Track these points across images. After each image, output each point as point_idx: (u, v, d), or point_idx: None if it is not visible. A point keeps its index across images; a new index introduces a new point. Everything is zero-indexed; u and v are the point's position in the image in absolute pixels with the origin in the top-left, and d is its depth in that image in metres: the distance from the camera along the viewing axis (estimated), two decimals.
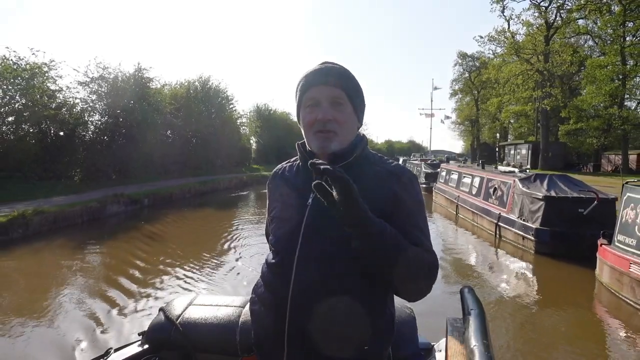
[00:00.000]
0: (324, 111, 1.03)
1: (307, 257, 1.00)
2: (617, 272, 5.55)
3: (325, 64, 1.09)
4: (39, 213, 8.39)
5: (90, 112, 16.90)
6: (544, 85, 31.73)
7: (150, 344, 1.58)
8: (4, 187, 11.25)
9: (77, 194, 11.88)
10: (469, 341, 0.99)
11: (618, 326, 4.94)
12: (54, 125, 15.40)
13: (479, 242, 9.71)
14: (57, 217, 8.89)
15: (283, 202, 1.11)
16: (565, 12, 32.26)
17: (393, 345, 1.34)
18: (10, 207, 8.63)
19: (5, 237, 7.59)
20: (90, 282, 5.90)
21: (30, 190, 11.17)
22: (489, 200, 10.49)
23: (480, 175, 11.68)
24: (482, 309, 1.14)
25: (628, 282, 5.28)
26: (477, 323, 1.06)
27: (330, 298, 0.98)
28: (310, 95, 1.06)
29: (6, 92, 13.46)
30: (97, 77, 16.56)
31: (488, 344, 0.95)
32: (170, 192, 14.60)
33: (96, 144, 16.84)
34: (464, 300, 1.23)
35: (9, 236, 7.65)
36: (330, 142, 1.04)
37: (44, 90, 14.48)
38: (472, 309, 1.15)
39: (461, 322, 1.20)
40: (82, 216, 9.71)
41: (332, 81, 1.05)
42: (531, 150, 34.89)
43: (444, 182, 15.38)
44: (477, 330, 1.02)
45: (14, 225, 7.76)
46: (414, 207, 1.05)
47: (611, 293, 5.67)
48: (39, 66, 14.22)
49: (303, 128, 1.09)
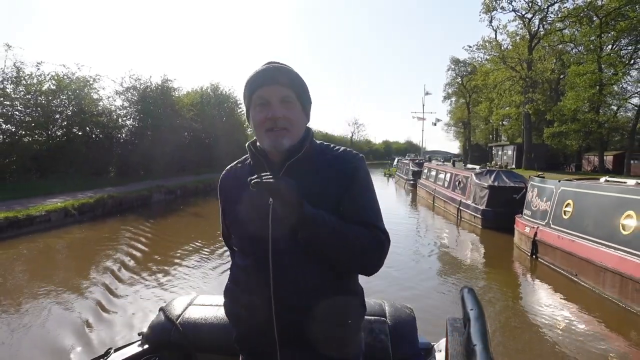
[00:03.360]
0: (275, 109, 1.05)
1: (282, 253, 1.04)
2: (519, 233, 8.33)
3: (272, 64, 1.11)
4: (111, 197, 11.20)
5: (124, 118, 19.71)
6: (527, 91, 34.38)
7: (150, 344, 1.59)
8: (65, 181, 13.92)
9: (116, 186, 14.48)
10: (469, 341, 0.98)
11: (518, 265, 7.71)
12: (95, 129, 18.17)
13: (447, 223, 12.46)
14: (123, 200, 11.70)
15: (244, 202, 1.10)
16: (548, 24, 34.87)
17: (393, 345, 1.44)
18: (72, 196, 11.24)
19: (91, 215, 10.36)
20: (155, 247, 8.63)
21: (82, 184, 13.79)
22: (455, 190, 13.27)
23: (450, 172, 14.46)
24: (482, 309, 1.13)
25: (525, 239, 8.05)
26: (477, 323, 1.05)
27: (311, 287, 1.03)
28: (260, 94, 1.07)
29: (62, 101, 16.21)
30: (130, 87, 19.37)
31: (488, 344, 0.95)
32: (195, 185, 17.38)
33: (128, 144, 19.63)
34: (464, 300, 1.22)
35: (94, 213, 10.43)
36: (282, 139, 1.06)
37: (91, 100, 17.25)
38: (472, 309, 1.13)
39: (461, 322, 1.20)
40: (137, 201, 12.53)
41: (281, 80, 1.07)
42: (516, 152, 37.52)
43: (425, 178, 18.20)
44: (477, 330, 1.02)
45: (98, 205, 10.56)
46: (362, 188, 1.10)
47: (517, 248, 8.45)
48: (86, 79, 17.00)
49: (254, 127, 1.10)
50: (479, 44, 37.50)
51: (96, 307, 4.78)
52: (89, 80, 17.18)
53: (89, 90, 17.36)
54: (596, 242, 5.86)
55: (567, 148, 37.10)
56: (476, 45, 37.56)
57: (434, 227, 12.25)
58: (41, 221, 8.71)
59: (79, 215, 9.80)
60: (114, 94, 18.99)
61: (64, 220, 9.35)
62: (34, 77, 14.81)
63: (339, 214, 1.04)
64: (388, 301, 1.68)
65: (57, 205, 9.53)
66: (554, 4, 34.13)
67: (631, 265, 5.05)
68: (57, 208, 9.31)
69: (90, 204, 10.35)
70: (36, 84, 14.92)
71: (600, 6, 30.71)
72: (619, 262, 5.27)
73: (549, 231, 7.14)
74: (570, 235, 6.50)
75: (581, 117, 32.39)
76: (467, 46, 43.45)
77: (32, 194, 10.82)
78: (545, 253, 7.19)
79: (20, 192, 10.93)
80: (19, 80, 14.21)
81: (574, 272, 6.24)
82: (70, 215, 9.56)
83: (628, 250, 5.22)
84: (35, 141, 14.99)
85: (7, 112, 13.83)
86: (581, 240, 6.19)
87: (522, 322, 4.89)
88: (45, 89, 15.29)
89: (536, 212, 7.92)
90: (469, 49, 37.66)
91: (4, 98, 13.63)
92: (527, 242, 7.80)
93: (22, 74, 14.30)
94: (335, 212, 1.04)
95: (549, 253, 7.06)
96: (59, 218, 9.26)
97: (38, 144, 14.92)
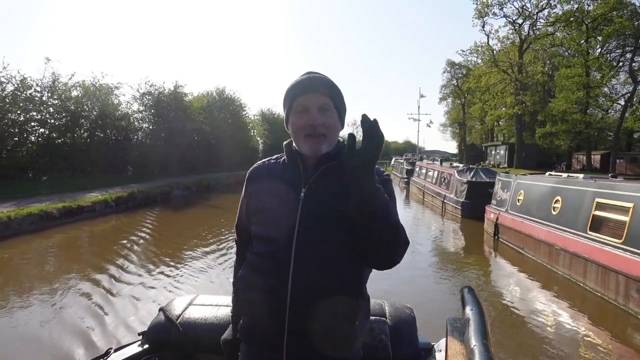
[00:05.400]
0: (314, 116, 1.11)
1: (304, 244, 1.06)
2: (487, 219, 10.04)
3: (312, 73, 1.18)
4: (140, 192, 12.93)
5: (140, 121, 21.44)
6: (518, 93, 35.98)
7: (150, 344, 1.61)
8: (92, 179, 15.60)
9: (138, 183, 15.99)
10: (469, 341, 0.99)
11: (485, 245, 9.40)
12: (115, 132, 19.87)
13: (433, 214, 14.16)
14: (149, 195, 13.42)
15: (275, 193, 1.15)
16: (537, 29, 36.46)
17: (393, 345, 1.46)
18: (105, 191, 12.85)
19: (124, 206, 12.06)
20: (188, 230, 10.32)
21: (106, 181, 15.40)
22: (441, 186, 14.98)
23: (437, 170, 16.18)
24: (482, 309, 1.14)
25: (490, 223, 9.74)
26: (477, 323, 1.06)
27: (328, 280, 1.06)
28: (300, 102, 1.13)
29: (87, 107, 17.92)
30: (145, 93, 21.09)
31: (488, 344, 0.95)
32: (208, 182, 19.10)
33: (144, 146, 21.33)
34: (464, 300, 1.23)
35: (127, 205, 12.15)
36: (320, 145, 1.12)
37: (112, 105, 18.97)
38: (472, 309, 1.14)
39: (461, 322, 1.20)
40: (160, 195, 14.25)
41: (320, 89, 1.13)
42: (508, 151, 39.09)
43: (417, 176, 19.93)
44: (477, 330, 1.02)
45: (130, 198, 12.28)
46: (392, 200, 1.13)
47: (486, 232, 10.15)
48: (109, 87, 18.74)
49: (293, 132, 1.16)
50: (471, 49, 39.25)
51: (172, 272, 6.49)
52: (111, 87, 18.91)
53: (111, 96, 19.07)
54: (536, 222, 7.56)
55: (558, 148, 38.59)
56: (469, 49, 39.29)
57: (423, 218, 13.95)
58: (88, 210, 10.42)
59: (115, 206, 11.51)
60: (131, 99, 20.75)
61: (104, 210, 11.06)
62: (67, 86, 16.56)
63: None
64: (388, 301, 1.69)
65: (99, 197, 11.25)
66: (543, 9, 35.73)
67: (556, 236, 6.76)
68: (99, 200, 11.02)
69: (124, 197, 12.07)
70: (66, 91, 16.65)
71: (588, 11, 31.96)
72: (548, 235, 6.98)
73: (507, 216, 8.84)
74: (520, 218, 8.21)
75: (569, 118, 33.77)
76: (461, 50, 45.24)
77: (70, 190, 12.49)
78: (503, 233, 8.90)
79: (59, 187, 12.60)
80: (54, 89, 15.94)
81: (521, 246, 7.96)
82: (110, 206, 11.27)
83: (555, 225, 6.93)
84: (64, 143, 16.73)
85: (42, 117, 15.56)
86: (527, 221, 7.89)
87: (484, 285, 6.61)
88: (74, 96, 17.03)
89: (500, 202, 9.62)
90: (463, 53, 39.38)
91: (40, 105, 15.35)
92: (492, 226, 9.49)
93: (58, 84, 16.03)
94: None
95: (506, 233, 8.77)
96: (101, 208, 10.97)
97: (67, 146, 16.65)
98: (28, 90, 15.01)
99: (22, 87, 14.75)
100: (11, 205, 9.31)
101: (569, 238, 6.40)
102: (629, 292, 4.95)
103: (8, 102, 14.23)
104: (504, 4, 35.91)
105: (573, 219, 6.49)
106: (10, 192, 11.12)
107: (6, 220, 8.04)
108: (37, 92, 15.49)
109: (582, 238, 6.10)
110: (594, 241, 5.80)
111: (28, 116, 15.22)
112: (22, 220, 8.40)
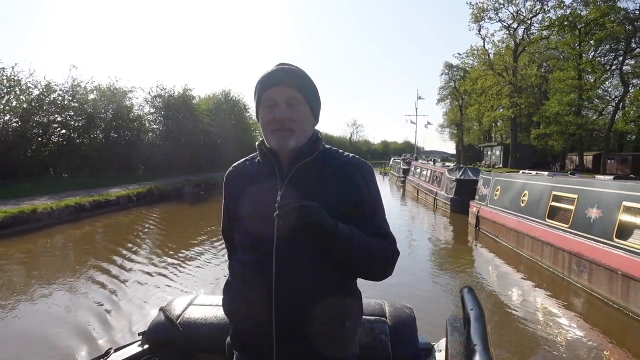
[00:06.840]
0: (281, 110, 1.07)
1: (285, 251, 1.04)
2: (471, 213, 11.24)
3: (282, 65, 1.13)
4: (157, 188, 14.16)
5: (151, 122, 22.66)
6: (513, 95, 37.12)
7: (150, 344, 1.61)
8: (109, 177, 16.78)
9: (151, 181, 17.12)
10: (469, 341, 0.99)
11: (468, 235, 10.61)
12: (129, 132, 21.07)
13: (426, 210, 15.37)
14: (164, 191, 14.65)
15: (251, 199, 1.12)
16: (531, 33, 37.61)
17: (393, 345, 1.45)
18: (124, 187, 14.06)
19: (143, 201, 13.28)
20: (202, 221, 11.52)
21: (122, 179, 16.61)
22: (433, 184, 16.20)
23: (430, 169, 17.40)
24: (482, 309, 1.14)
25: (473, 216, 10.95)
26: (477, 323, 1.06)
27: (312, 286, 1.04)
28: (268, 95, 1.09)
29: (103, 109, 19.14)
30: (156, 95, 22.31)
31: (488, 344, 0.95)
32: (216, 180, 20.27)
33: (154, 146, 22.51)
34: (464, 300, 1.23)
35: (146, 200, 13.37)
36: (288, 139, 1.08)
37: (125, 107, 20.19)
38: (472, 309, 1.14)
39: (461, 322, 1.20)
40: (173, 192, 15.51)
41: (289, 82, 1.08)
42: (503, 152, 40.25)
43: (412, 175, 21.17)
44: (477, 330, 1.02)
45: (148, 194, 13.51)
46: (375, 198, 1.14)
47: (469, 224, 11.35)
48: (123, 90, 19.96)
49: (262, 126, 1.13)
50: (468, 52, 40.44)
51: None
52: (125, 90, 20.13)
53: (124, 99, 20.28)
54: (508, 213, 8.77)
55: (552, 148, 39.62)
56: (465, 52, 40.48)
57: (417, 213, 15.18)
58: (114, 204, 11.65)
59: (136, 200, 12.74)
60: (143, 102, 21.99)
61: (127, 204, 12.28)
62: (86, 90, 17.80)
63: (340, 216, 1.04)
64: (388, 301, 1.69)
65: (122, 192, 12.47)
66: (537, 14, 36.88)
67: (523, 225, 7.96)
68: (122, 195, 12.25)
69: (143, 192, 13.30)
70: (85, 95, 17.87)
71: (581, 16, 32.97)
72: (517, 224, 8.18)
73: (486, 209, 10.05)
74: (496, 210, 9.42)
75: (562, 119, 34.81)
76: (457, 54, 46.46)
77: (91, 186, 13.69)
78: (483, 224, 10.11)
79: (82, 185, 13.82)
80: (75, 93, 17.17)
81: (496, 234, 9.17)
82: (132, 200, 12.50)
83: (522, 215, 8.14)
84: (82, 143, 17.93)
85: (64, 119, 16.79)
86: (502, 213, 9.10)
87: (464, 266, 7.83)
88: (90, 99, 18.25)
89: (481, 197, 10.82)
90: (459, 56, 40.55)
91: (62, 108, 16.59)
92: (474, 218, 10.70)
93: (79, 88, 17.26)
94: (338, 215, 1.03)
95: (485, 224, 9.98)
96: (124, 202, 12.20)
97: (84, 145, 17.86)
98: (52, 94, 16.23)
99: (47, 92, 15.96)
100: (47, 199, 10.53)
101: (532, 225, 7.61)
102: (571, 266, 6.16)
103: (34, 106, 15.45)
104: (499, 9, 37.08)
105: (536, 209, 7.70)
106: (39, 187, 12.32)
107: (50, 211, 9.26)
108: (59, 96, 16.70)
109: (541, 225, 7.31)
110: (549, 227, 7.01)
111: (51, 118, 16.44)
112: (62, 210, 9.62)
